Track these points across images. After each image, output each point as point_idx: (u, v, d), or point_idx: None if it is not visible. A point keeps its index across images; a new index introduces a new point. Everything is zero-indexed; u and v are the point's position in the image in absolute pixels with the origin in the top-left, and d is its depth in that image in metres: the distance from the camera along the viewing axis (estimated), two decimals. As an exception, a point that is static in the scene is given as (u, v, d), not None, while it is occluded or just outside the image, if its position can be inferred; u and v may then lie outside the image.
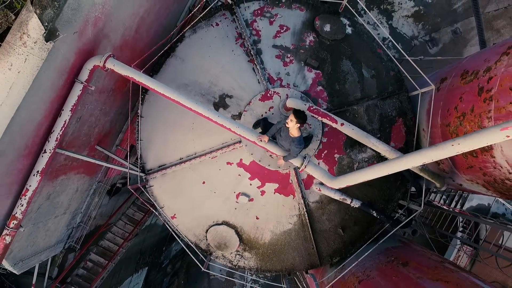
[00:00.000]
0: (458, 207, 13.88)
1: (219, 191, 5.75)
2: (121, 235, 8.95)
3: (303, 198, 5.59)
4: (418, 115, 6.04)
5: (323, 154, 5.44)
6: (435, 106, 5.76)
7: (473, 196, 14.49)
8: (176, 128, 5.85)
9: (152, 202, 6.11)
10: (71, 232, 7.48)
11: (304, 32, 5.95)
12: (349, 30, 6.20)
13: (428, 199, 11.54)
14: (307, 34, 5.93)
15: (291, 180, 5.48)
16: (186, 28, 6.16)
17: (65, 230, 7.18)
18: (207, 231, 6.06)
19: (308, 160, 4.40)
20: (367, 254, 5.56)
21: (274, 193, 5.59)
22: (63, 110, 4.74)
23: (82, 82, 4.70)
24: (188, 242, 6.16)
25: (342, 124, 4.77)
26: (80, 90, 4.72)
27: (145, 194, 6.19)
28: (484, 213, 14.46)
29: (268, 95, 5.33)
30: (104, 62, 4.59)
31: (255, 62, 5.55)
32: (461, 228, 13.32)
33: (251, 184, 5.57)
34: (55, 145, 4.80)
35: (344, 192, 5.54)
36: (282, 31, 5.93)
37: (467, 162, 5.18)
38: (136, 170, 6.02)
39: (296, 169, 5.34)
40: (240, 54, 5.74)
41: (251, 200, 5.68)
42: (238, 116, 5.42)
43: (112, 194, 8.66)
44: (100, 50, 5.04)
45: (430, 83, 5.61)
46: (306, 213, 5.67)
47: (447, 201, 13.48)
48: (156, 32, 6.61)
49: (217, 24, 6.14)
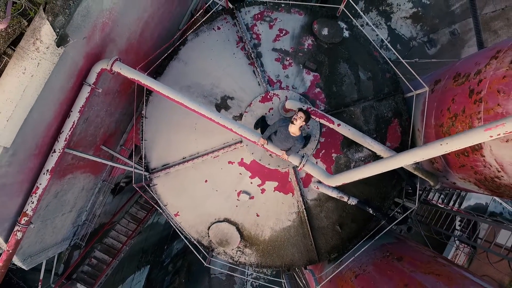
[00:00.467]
0: (456, 206, 14.05)
1: (221, 189, 5.96)
2: (124, 233, 9.16)
3: (302, 196, 5.80)
4: (413, 116, 6.24)
5: (321, 154, 5.66)
6: (429, 107, 5.97)
7: (471, 195, 14.64)
8: (179, 128, 6.06)
9: (156, 200, 6.32)
10: (77, 230, 7.69)
11: (302, 36, 6.16)
12: (346, 34, 6.40)
13: (424, 198, 11.76)
14: (305, 38, 6.13)
15: (290, 178, 5.69)
16: (188, 32, 6.38)
17: (71, 227, 7.39)
18: (209, 228, 6.27)
19: (306, 159, 4.62)
20: (363, 250, 5.78)
21: (274, 191, 5.80)
22: (71, 111, 4.96)
23: (90, 85, 4.91)
24: (191, 238, 6.37)
25: (339, 124, 4.98)
26: (88, 92, 4.94)
27: (149, 192, 6.41)
28: (481, 212, 14.62)
29: (268, 97, 5.54)
30: (111, 65, 4.81)
31: (256, 65, 5.76)
32: (458, 227, 13.52)
33: (251, 183, 5.78)
34: (64, 145, 5.01)
35: (341, 190, 5.74)
36: (281, 35, 6.14)
37: (459, 161, 5.39)
38: (140, 169, 6.24)
39: (295, 167, 5.55)
40: (241, 57, 5.95)
41: (251, 198, 5.89)
42: (239, 117, 5.63)
43: (116, 193, 8.87)
44: (107, 53, 5.25)
45: (424, 85, 5.81)
46: (304, 210, 5.88)
47: (445, 200, 13.68)
48: (160, 35, 6.83)
49: (218, 28, 6.35)
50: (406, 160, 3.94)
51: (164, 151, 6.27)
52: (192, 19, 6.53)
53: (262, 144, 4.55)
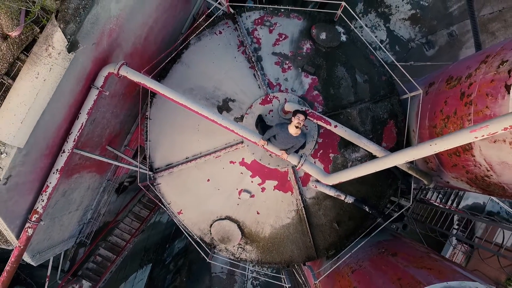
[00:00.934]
0: (454, 205, 14.24)
1: (223, 188, 6.19)
2: (128, 231, 9.39)
3: (301, 194, 6.02)
4: (408, 117, 6.46)
5: (318, 154, 5.88)
6: (423, 109, 6.19)
7: (468, 195, 14.80)
8: (183, 129, 6.29)
9: (160, 198, 6.54)
10: (82, 228, 7.92)
11: (301, 40, 6.38)
12: (343, 38, 6.63)
13: (422, 197, 11.97)
14: (304, 42, 6.36)
15: (289, 177, 5.92)
16: (191, 36, 6.60)
17: (77, 225, 7.62)
18: (211, 225, 6.50)
19: (305, 159, 4.85)
20: (360, 247, 6.00)
21: (274, 189, 6.02)
22: (80, 113, 5.18)
23: (97, 88, 5.14)
24: (193, 236, 6.59)
25: (336, 126, 5.21)
26: (95, 95, 5.16)
27: (152, 191, 6.63)
28: (479, 211, 14.80)
29: (268, 99, 5.77)
30: (118, 69, 5.04)
31: (256, 69, 5.99)
32: (457, 226, 13.71)
33: (252, 182, 6.01)
34: (73, 145, 5.24)
35: (339, 188, 5.97)
36: (281, 39, 6.37)
37: (452, 161, 5.61)
38: (145, 169, 6.46)
39: (293, 167, 5.78)
40: (242, 60, 6.18)
41: (252, 196, 6.11)
42: (240, 119, 5.86)
43: (120, 192, 9.10)
44: (113, 58, 5.48)
45: (418, 87, 6.04)
46: (303, 208, 6.11)
47: (443, 199, 13.89)
48: (163, 39, 7.06)
49: (220, 32, 6.57)
50: (398, 159, 4.16)
51: (168, 151, 6.49)
52: (195, 24, 6.75)
53: (262, 145, 4.77)
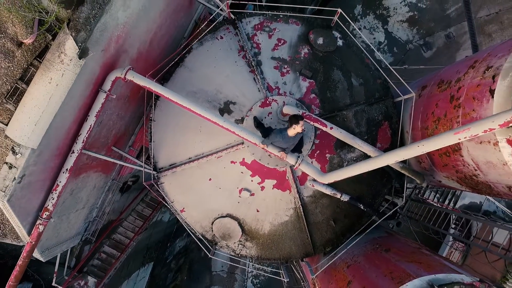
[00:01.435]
0: (451, 204, 14.47)
1: (224, 187, 6.46)
2: (131, 230, 9.66)
3: (298, 193, 6.29)
4: (402, 119, 6.73)
5: (315, 154, 6.15)
6: (416, 111, 6.46)
7: (465, 195, 15.03)
8: (185, 131, 6.56)
9: (164, 197, 6.81)
10: (88, 226, 8.19)
11: (299, 45, 6.65)
12: (340, 43, 6.90)
13: (419, 196, 12.21)
14: (302, 47, 6.63)
15: (288, 177, 6.19)
16: (193, 40, 6.87)
17: (83, 223, 7.89)
18: (212, 223, 6.77)
19: (302, 159, 5.12)
20: (355, 243, 6.27)
21: (273, 188, 6.29)
22: (88, 116, 5.46)
23: (105, 92, 5.41)
24: (196, 233, 6.86)
25: (331, 128, 5.48)
26: (103, 99, 5.43)
27: (155, 190, 6.90)
28: (476, 210, 15.03)
29: (267, 102, 6.04)
30: (125, 74, 5.31)
31: (256, 73, 6.26)
32: (453, 225, 13.95)
33: (252, 181, 6.28)
34: (82, 146, 5.51)
35: (335, 187, 6.24)
36: (279, 44, 6.63)
37: (443, 161, 5.88)
38: (149, 168, 6.73)
39: (291, 167, 6.04)
40: (242, 65, 6.45)
41: (252, 195, 6.38)
42: (241, 121, 6.13)
43: (124, 191, 9.37)
44: (120, 62, 5.75)
45: (411, 90, 6.31)
46: (301, 206, 6.38)
47: (440, 199, 14.13)
48: (166, 43, 7.33)
49: (221, 37, 6.84)
50: (389, 159, 4.43)
51: (171, 151, 6.76)
52: (197, 29, 7.00)
53: (263, 147, 5.04)
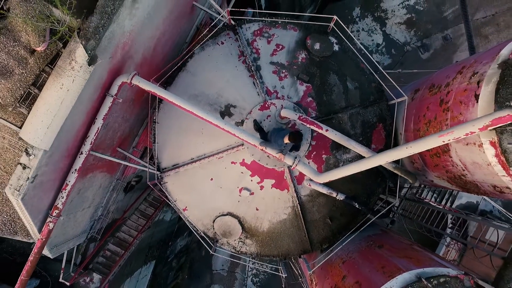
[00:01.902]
0: (448, 204, 14.72)
1: (225, 186, 6.74)
2: (134, 228, 9.94)
3: (296, 192, 6.58)
4: (396, 121, 7.02)
5: (312, 155, 6.44)
6: (409, 114, 6.74)
7: (462, 194, 15.27)
8: (188, 132, 6.84)
9: (167, 196, 7.10)
10: (93, 224, 8.47)
11: (297, 50, 6.93)
12: (336, 48, 7.17)
13: (414, 195, 12.48)
14: (299, 52, 6.91)
15: (286, 176, 6.47)
16: (195, 45, 7.15)
17: (88, 222, 8.18)
18: (214, 221, 7.05)
19: (299, 159, 5.40)
20: (350, 240, 6.55)
21: (271, 188, 6.58)
22: (96, 119, 5.74)
23: (112, 96, 5.70)
24: (198, 230, 7.15)
25: (327, 130, 5.76)
26: (110, 102, 5.72)
27: (159, 189, 7.18)
28: (472, 210, 15.29)
29: (266, 105, 6.33)
30: (131, 79, 5.59)
31: (255, 77, 6.54)
32: (450, 224, 14.21)
33: (252, 180, 6.56)
34: (90, 147, 5.80)
35: (331, 187, 6.52)
36: (278, 49, 6.92)
37: (434, 161, 6.16)
38: (153, 168, 7.02)
39: (289, 167, 6.32)
40: (242, 69, 6.73)
41: (252, 194, 6.67)
42: (241, 123, 6.42)
43: (127, 191, 9.65)
44: (126, 68, 6.04)
45: (403, 94, 6.59)
46: (298, 205, 6.66)
47: (438, 198, 14.41)
48: (169, 48, 7.62)
49: (222, 43, 7.13)
50: (381, 160, 4.71)
51: (174, 152, 7.04)
52: (199, 35, 7.29)
53: (261, 148, 5.33)
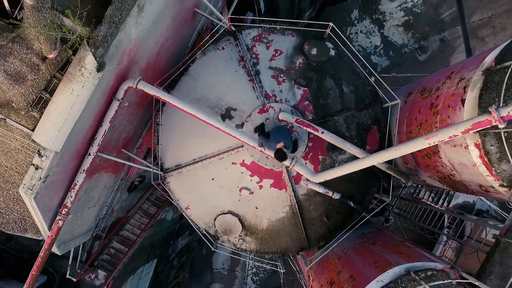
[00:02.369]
0: (445, 204, 14.99)
1: (225, 186, 7.04)
2: (138, 227, 10.24)
3: (294, 191, 6.87)
4: (389, 123, 7.30)
5: (309, 156, 6.73)
6: (402, 116, 7.03)
7: (458, 194, 15.55)
8: (190, 134, 7.13)
9: (170, 195, 7.40)
10: (98, 222, 8.77)
11: (294, 55, 7.23)
12: (332, 53, 7.46)
13: (412, 195, 12.76)
14: (297, 57, 7.20)
15: (284, 176, 6.77)
16: (196, 50, 7.44)
17: (94, 220, 8.47)
18: (215, 219, 7.35)
19: (296, 160, 5.70)
20: (346, 237, 6.85)
21: (270, 187, 6.87)
22: (103, 121, 6.04)
23: (118, 100, 6.00)
24: (199, 228, 7.45)
25: (323, 132, 6.05)
26: (117, 106, 6.02)
27: (162, 189, 7.48)
28: (469, 209, 15.55)
29: (265, 108, 6.63)
30: (136, 84, 5.89)
31: (255, 81, 6.84)
32: (447, 224, 14.47)
33: (251, 180, 6.86)
34: (97, 149, 6.10)
35: (327, 186, 6.81)
36: (276, 54, 7.21)
37: (425, 162, 6.45)
38: (156, 169, 7.32)
39: (287, 167, 6.62)
40: (242, 74, 7.02)
41: (251, 193, 6.96)
42: (241, 126, 6.71)
43: (131, 190, 9.95)
44: (131, 73, 6.34)
45: (396, 97, 6.89)
46: (296, 204, 6.96)
47: (435, 198, 14.69)
48: (172, 53, 7.92)
49: (223, 48, 7.42)
50: (372, 161, 5.00)
51: (177, 153, 7.34)
52: (201, 41, 7.59)
53: (260, 149, 5.63)
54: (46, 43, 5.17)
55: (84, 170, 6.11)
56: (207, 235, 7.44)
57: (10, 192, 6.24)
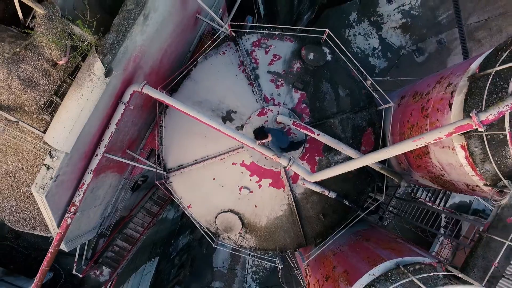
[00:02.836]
0: (442, 203, 15.25)
1: (226, 185, 7.34)
2: (141, 225, 10.55)
3: (291, 190, 7.18)
4: (384, 125, 7.60)
5: (306, 157, 7.04)
6: (395, 119, 7.34)
7: (455, 194, 15.84)
8: (192, 136, 7.44)
9: (172, 194, 7.70)
10: (103, 221, 9.07)
11: (292, 60, 7.53)
12: (329, 57, 7.76)
13: (409, 195, 13.03)
14: (294, 62, 7.51)
15: (282, 176, 7.08)
16: (197, 53, 7.74)
17: (99, 218, 8.78)
18: (216, 217, 7.65)
19: (293, 161, 6.00)
20: (341, 234, 7.15)
21: (269, 186, 7.18)
22: (110, 124, 6.34)
23: (124, 103, 6.30)
24: (201, 226, 7.75)
25: (318, 134, 6.36)
26: (123, 109, 6.32)
27: (162, 188, 7.78)
28: (465, 209, 15.82)
29: (264, 111, 6.94)
30: (142, 88, 6.19)
31: (254, 85, 7.14)
32: (444, 224, 14.77)
33: (251, 180, 7.16)
34: (104, 150, 6.40)
35: (324, 186, 7.11)
36: (275, 59, 7.51)
37: (417, 162, 6.76)
38: (160, 169, 7.62)
39: (284, 168, 6.93)
40: (242, 78, 7.33)
41: (251, 192, 7.27)
42: (241, 128, 7.02)
43: (134, 190, 10.26)
44: (136, 78, 6.64)
45: (390, 101, 7.19)
46: (293, 202, 7.26)
47: (432, 198, 14.98)
48: (175, 58, 8.22)
49: (223, 53, 7.72)
50: (364, 161, 5.30)
51: (179, 154, 7.64)
52: (202, 46, 7.89)
53: (259, 150, 5.94)
54: (56, 50, 5.47)
55: (91, 170, 6.41)
56: (208, 232, 7.75)
57: (21, 191, 6.55)
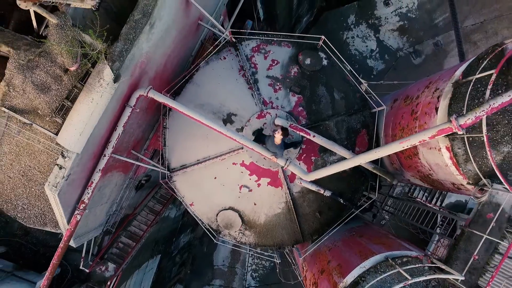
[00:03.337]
0: (438, 203, 15.58)
1: (227, 184, 7.72)
2: (144, 223, 10.93)
3: (289, 189, 7.55)
4: (377, 127, 7.97)
5: (302, 157, 7.41)
6: (388, 121, 7.70)
7: (451, 193, 16.15)
8: (194, 137, 7.81)
9: (175, 192, 8.07)
10: (108, 218, 9.45)
11: (290, 65, 7.90)
12: (325, 62, 8.13)
13: (409, 195, 13.36)
14: (292, 67, 7.88)
15: (279, 176, 7.45)
16: (199, 58, 8.11)
17: (105, 216, 9.16)
18: (217, 214, 8.03)
19: (290, 161, 6.37)
20: (336, 231, 7.53)
21: (267, 185, 7.55)
22: (117, 126, 6.72)
23: (131, 106, 6.67)
24: (203, 223, 8.13)
25: (314, 135, 6.73)
26: (129, 112, 6.70)
27: (165, 187, 8.15)
28: (461, 208, 16.17)
29: (263, 114, 7.31)
30: (147, 92, 6.56)
31: (253, 89, 7.52)
32: (440, 222, 15.11)
33: (250, 179, 7.54)
34: (112, 151, 6.78)
35: (320, 185, 7.48)
36: (273, 64, 7.89)
37: (407, 163, 7.13)
38: (163, 169, 8.00)
39: (282, 167, 7.29)
40: (242, 82, 7.70)
41: (250, 190, 7.64)
42: (241, 130, 7.39)
43: (138, 188, 10.63)
44: (141, 82, 7.01)
45: (382, 104, 7.56)
46: (291, 200, 7.63)
47: (428, 197, 15.33)
48: (178, 62, 8.59)
49: (224, 58, 8.09)
50: (356, 161, 5.67)
51: (182, 154, 8.02)
52: (205, 52, 8.26)
53: (258, 151, 6.31)
54: (68, 57, 5.85)
55: (100, 170, 6.79)
56: (210, 229, 8.12)
57: (33, 189, 6.93)
